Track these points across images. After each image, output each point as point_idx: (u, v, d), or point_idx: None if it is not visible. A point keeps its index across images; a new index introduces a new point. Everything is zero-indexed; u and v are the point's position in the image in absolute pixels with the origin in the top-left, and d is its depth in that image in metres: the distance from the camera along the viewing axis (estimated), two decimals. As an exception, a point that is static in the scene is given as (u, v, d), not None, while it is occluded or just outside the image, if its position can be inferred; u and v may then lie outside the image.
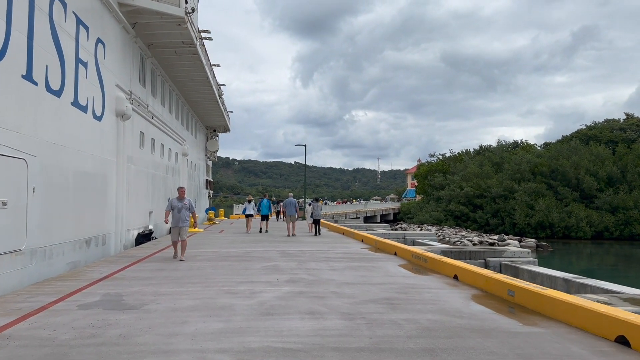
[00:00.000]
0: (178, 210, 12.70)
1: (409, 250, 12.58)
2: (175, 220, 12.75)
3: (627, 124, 78.28)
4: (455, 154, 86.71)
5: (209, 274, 9.93)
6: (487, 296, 7.77)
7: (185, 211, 12.80)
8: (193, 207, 13.08)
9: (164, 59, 25.18)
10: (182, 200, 12.85)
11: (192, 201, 12.92)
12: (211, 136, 46.77)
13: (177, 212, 12.70)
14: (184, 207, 12.78)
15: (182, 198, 12.94)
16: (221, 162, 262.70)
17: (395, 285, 8.66)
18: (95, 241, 15.21)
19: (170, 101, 29.16)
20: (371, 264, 11.60)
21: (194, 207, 13.12)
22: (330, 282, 8.92)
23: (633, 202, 54.40)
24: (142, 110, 21.89)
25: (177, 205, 12.72)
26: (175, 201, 12.86)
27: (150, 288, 8.36)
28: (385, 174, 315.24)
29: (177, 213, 12.69)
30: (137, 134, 21.15)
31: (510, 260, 14.96)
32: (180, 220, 12.72)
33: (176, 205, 12.72)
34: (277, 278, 9.41)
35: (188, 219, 12.92)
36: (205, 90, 32.10)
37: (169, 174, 28.43)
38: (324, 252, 14.29)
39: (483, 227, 61.28)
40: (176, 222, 12.73)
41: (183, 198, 12.95)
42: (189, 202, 12.92)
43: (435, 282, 9.10)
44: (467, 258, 15.16)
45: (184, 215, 12.80)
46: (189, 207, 12.91)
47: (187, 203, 12.87)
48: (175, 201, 12.85)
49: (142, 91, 22.38)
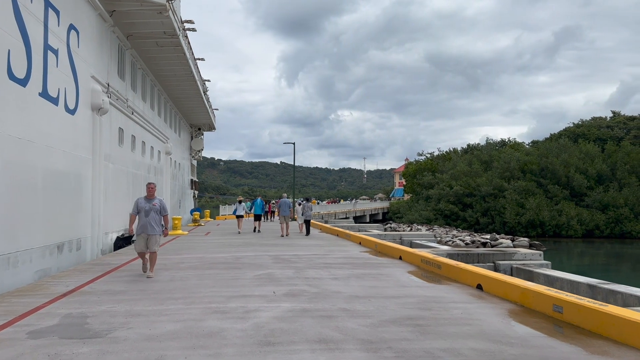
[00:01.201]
0: (146, 213, 9.92)
1: (418, 255, 11.31)
2: (141, 226, 9.94)
3: (614, 121, 78.42)
4: (444, 152, 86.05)
5: (193, 287, 8.54)
6: (527, 312, 6.53)
7: (155, 214, 9.98)
8: (165, 209, 10.23)
9: (144, 50, 23.67)
10: (150, 201, 10.06)
11: (163, 201, 10.16)
12: (196, 135, 45.15)
13: (145, 215, 9.91)
14: (153, 209, 9.96)
15: (152, 197, 10.11)
16: (206, 163, 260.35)
17: (413, 298, 7.37)
18: (68, 246, 13.84)
19: (152, 96, 27.64)
20: (377, 271, 10.29)
21: (166, 209, 10.26)
22: (337, 296, 7.59)
23: (623, 200, 54.05)
24: (121, 105, 20.45)
25: (144, 207, 9.96)
26: (142, 202, 10.08)
27: (122, 306, 6.96)
28: (371, 174, 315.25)
29: (144, 217, 9.91)
30: (115, 131, 19.75)
31: (522, 264, 13.83)
32: (149, 226, 9.89)
33: (143, 207, 9.97)
34: (273, 291, 8.05)
35: (159, 225, 10.08)
36: (189, 86, 30.56)
37: (151, 174, 26.93)
38: (322, 257, 12.96)
39: (473, 226, 60.54)
40: (143, 229, 9.89)
41: (153, 197, 10.12)
42: (160, 203, 10.14)
43: (457, 293, 7.83)
44: (475, 261, 14.00)
45: (154, 220, 9.97)
46: (160, 209, 10.10)
47: (157, 204, 10.05)
48: (143, 202, 10.07)
49: (121, 85, 20.92)
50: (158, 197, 10.18)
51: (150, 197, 10.14)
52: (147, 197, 10.14)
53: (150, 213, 9.94)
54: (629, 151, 59.81)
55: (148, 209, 9.94)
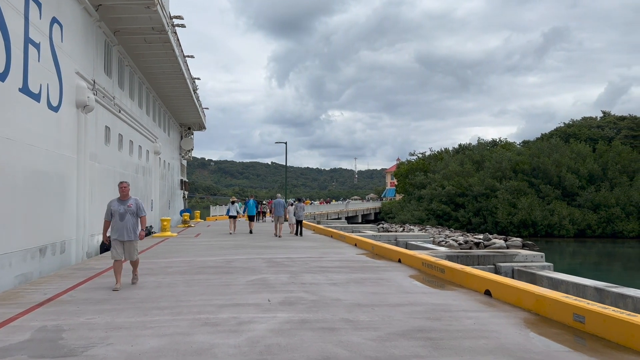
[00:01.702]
0: (120, 217, 8.76)
1: (418, 258, 10.79)
2: (117, 231, 8.80)
3: (604, 121, 78.68)
4: (435, 152, 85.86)
5: (181, 294, 7.93)
6: (544, 322, 6.02)
7: (131, 217, 8.85)
8: (142, 210, 9.05)
9: (132, 47, 23.01)
10: (125, 202, 8.89)
11: (139, 201, 9.09)
12: (186, 134, 44.39)
13: (120, 219, 8.76)
14: (128, 211, 8.82)
15: (126, 198, 8.94)
16: (197, 163, 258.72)
17: (420, 307, 6.84)
18: (52, 249, 13.22)
19: (140, 95, 26.95)
20: (377, 275, 9.75)
21: (143, 210, 9.08)
22: (337, 304, 7.04)
23: (615, 199, 54.09)
24: (107, 103, 19.79)
25: (118, 210, 8.78)
26: (115, 204, 8.87)
27: (102, 317, 6.35)
28: (362, 174, 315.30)
29: (119, 221, 8.76)
30: (101, 129, 19.11)
31: (524, 266, 13.37)
32: (126, 231, 8.77)
33: (117, 210, 8.78)
34: (268, 298, 7.47)
35: (137, 229, 8.99)
36: (179, 84, 29.87)
37: (140, 174, 26.26)
38: (317, 260, 12.39)
39: (465, 226, 60.33)
40: (119, 234, 8.78)
41: (127, 198, 8.95)
42: (136, 204, 8.97)
43: (465, 300, 7.31)
44: (475, 263, 13.53)
45: (131, 223, 8.84)
46: (136, 211, 8.96)
47: (132, 205, 8.88)
48: (116, 204, 8.87)
49: (108, 82, 20.26)
50: (133, 197, 9.07)
51: (124, 198, 8.93)
52: (120, 199, 8.95)
53: (125, 216, 8.78)
54: (620, 151, 59.94)
55: (123, 211, 8.77)
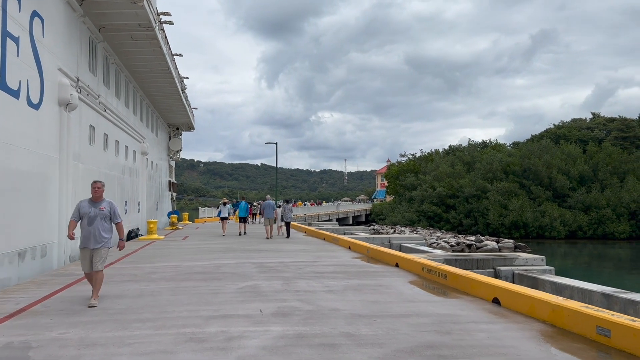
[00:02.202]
0: (89, 221, 7.56)
1: (418, 262, 10.26)
2: (84, 237, 7.61)
3: (593, 123, 79.02)
4: (426, 153, 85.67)
5: (166, 304, 7.31)
6: (563, 335, 5.50)
7: (102, 222, 7.62)
8: (117, 215, 7.84)
9: (118, 44, 22.29)
10: (97, 204, 7.71)
11: (114, 205, 7.95)
12: (174, 134, 43.58)
13: (88, 223, 7.57)
14: (99, 215, 7.61)
15: (98, 200, 7.77)
16: (186, 164, 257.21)
17: (426, 317, 6.29)
18: (31, 253, 12.55)
19: (126, 93, 26.22)
20: (375, 282, 9.19)
21: (118, 215, 7.87)
22: (336, 315, 6.47)
23: (605, 201, 54.13)
24: (92, 101, 19.11)
25: (88, 212, 7.56)
26: (85, 205, 7.67)
27: (76, 332, 5.73)
28: (352, 175, 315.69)
29: (87, 225, 7.56)
30: (86, 128, 18.44)
31: (525, 270, 12.91)
32: (93, 237, 7.57)
33: (87, 212, 7.57)
34: (260, 309, 6.88)
35: (108, 234, 7.71)
36: (167, 83, 29.15)
37: (126, 175, 25.53)
38: (311, 265, 11.81)
39: (456, 228, 60.14)
40: (85, 241, 7.59)
41: (100, 199, 7.79)
42: (110, 207, 7.78)
43: (473, 310, 6.78)
44: (474, 267, 13.04)
45: (100, 229, 7.60)
46: (110, 215, 7.75)
47: (105, 209, 7.69)
48: (86, 205, 7.67)
49: (93, 79, 19.56)
50: (107, 200, 7.89)
51: (96, 199, 7.75)
52: (92, 200, 7.74)
53: (95, 220, 7.57)
54: (610, 152, 60.07)
55: (93, 215, 7.55)
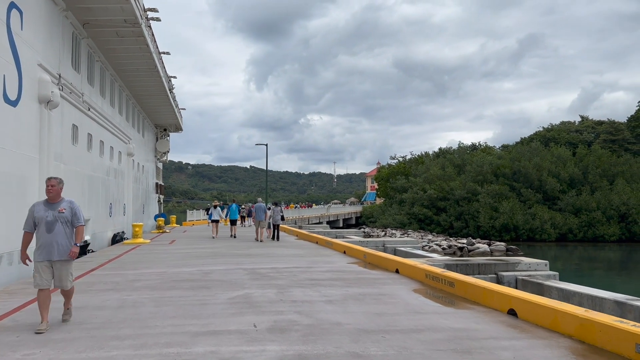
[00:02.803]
0: (48, 227, 6.16)
1: (420, 269, 9.63)
2: (42, 247, 6.20)
3: (582, 126, 79.38)
4: (416, 156, 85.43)
5: (149, 317, 6.59)
6: (597, 353, 4.90)
7: (63, 227, 6.21)
8: (78, 218, 6.35)
9: (103, 41, 21.50)
10: (54, 206, 6.27)
11: (76, 205, 6.45)
12: (161, 136, 42.66)
13: (47, 229, 6.17)
14: (59, 218, 6.21)
15: (55, 200, 6.32)
16: (174, 167, 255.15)
17: (439, 333, 5.66)
18: (8, 258, 11.81)
19: (112, 92, 25.40)
20: (377, 290, 8.55)
21: (79, 219, 6.36)
22: (339, 330, 5.80)
23: (596, 203, 54.15)
24: (75, 100, 18.34)
25: (44, 217, 6.20)
26: (40, 209, 6.28)
27: (45, 352, 5.01)
28: (341, 178, 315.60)
29: (45, 232, 6.18)
30: (68, 127, 17.69)
31: (528, 275, 12.35)
32: (56, 246, 6.16)
33: (43, 217, 6.20)
34: (254, 323, 6.19)
35: (69, 241, 6.27)
36: (154, 82, 28.33)
37: (111, 176, 24.71)
38: (306, 271, 11.12)
39: (447, 230, 59.85)
40: (46, 252, 6.17)
41: (57, 200, 6.33)
42: (71, 209, 6.33)
43: (489, 323, 6.16)
44: (476, 272, 12.46)
45: (62, 236, 6.19)
46: (71, 219, 6.31)
47: (65, 210, 6.24)
48: (41, 209, 6.28)
49: (76, 77, 18.78)
50: (67, 199, 6.41)
51: (53, 200, 6.29)
52: (48, 201, 6.32)
53: (55, 226, 6.16)
54: (600, 155, 60.21)
55: (52, 219, 6.16)
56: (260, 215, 21.83)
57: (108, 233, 23.78)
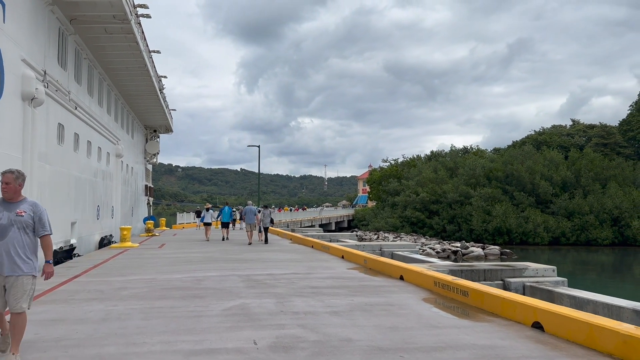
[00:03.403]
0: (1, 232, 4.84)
1: (428, 276, 9.01)
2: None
3: (574, 130, 79.54)
4: (408, 159, 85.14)
5: (135, 332, 5.90)
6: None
7: (19, 234, 4.89)
8: (44, 225, 5.04)
9: (91, 38, 20.80)
10: (10, 207, 4.94)
11: (41, 209, 5.09)
12: (151, 137, 41.81)
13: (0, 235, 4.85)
14: (16, 222, 4.88)
15: (14, 199, 5.00)
16: (163, 169, 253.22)
17: (463, 351, 5.02)
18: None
19: (100, 92, 24.65)
20: (384, 299, 7.91)
21: (45, 226, 5.05)
22: (350, 349, 5.15)
23: (588, 207, 53.99)
24: (61, 98, 17.63)
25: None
26: None
27: (13, 378, 4.34)
28: (332, 181, 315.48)
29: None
30: (54, 126, 16.98)
31: (536, 282, 11.80)
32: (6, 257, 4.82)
33: None
34: (253, 340, 5.52)
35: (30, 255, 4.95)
36: (144, 81, 27.59)
37: (99, 178, 23.94)
38: (305, 278, 10.46)
39: (440, 234, 59.42)
40: None
41: (17, 199, 5.02)
42: (33, 211, 5.02)
43: (514, 338, 5.56)
44: (481, 278, 11.90)
45: (15, 244, 4.85)
46: (33, 224, 5.00)
47: (24, 213, 4.93)
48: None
49: (62, 74, 18.08)
50: (30, 201, 5.11)
51: (10, 198, 4.98)
52: (3, 201, 5.01)
53: (8, 231, 4.86)
54: (592, 158, 60.14)
55: (5, 223, 4.85)
56: (250, 218, 22.00)
57: (95, 236, 23.00)
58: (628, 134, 67.76)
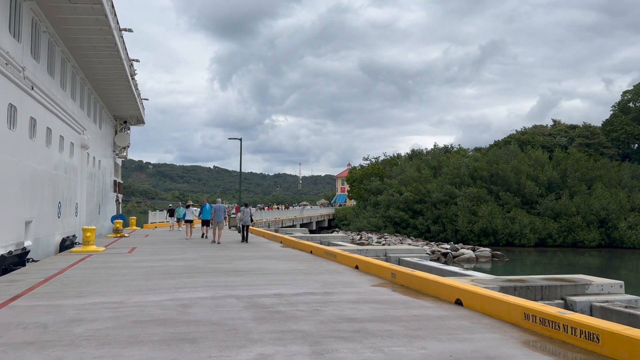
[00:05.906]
0: None
1: (511, 304, 6.49)
2: None
3: (555, 130, 79.04)
4: (389, 157, 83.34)
5: None
6: None
7: None
8: None
9: (52, 7, 17.78)
10: None
11: None
12: (121, 129, 38.51)
13: None
14: None
15: None
16: (134, 165, 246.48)
17: None
18: None
19: (63, 73, 21.56)
20: (470, 346, 5.33)
21: None
22: None
23: (575, 208, 52.92)
24: (12, 74, 14.69)
25: None
26: None
27: None
28: (307, 180, 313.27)
29: None
30: (3, 107, 14.08)
31: (605, 301, 9.50)
32: None
33: None
34: None
35: None
36: (113, 64, 24.45)
37: (60, 171, 20.89)
38: (328, 301, 7.79)
39: (424, 234, 57.70)
40: None
41: None
42: None
43: None
44: (537, 297, 9.54)
45: None
46: None
47: None
48: None
49: (15, 47, 15.14)
50: None
51: None
52: None
53: None
54: (578, 158, 59.20)
55: None
56: (219, 215, 21.37)
57: (56, 237, 19.94)
58: (611, 134, 67.25)
